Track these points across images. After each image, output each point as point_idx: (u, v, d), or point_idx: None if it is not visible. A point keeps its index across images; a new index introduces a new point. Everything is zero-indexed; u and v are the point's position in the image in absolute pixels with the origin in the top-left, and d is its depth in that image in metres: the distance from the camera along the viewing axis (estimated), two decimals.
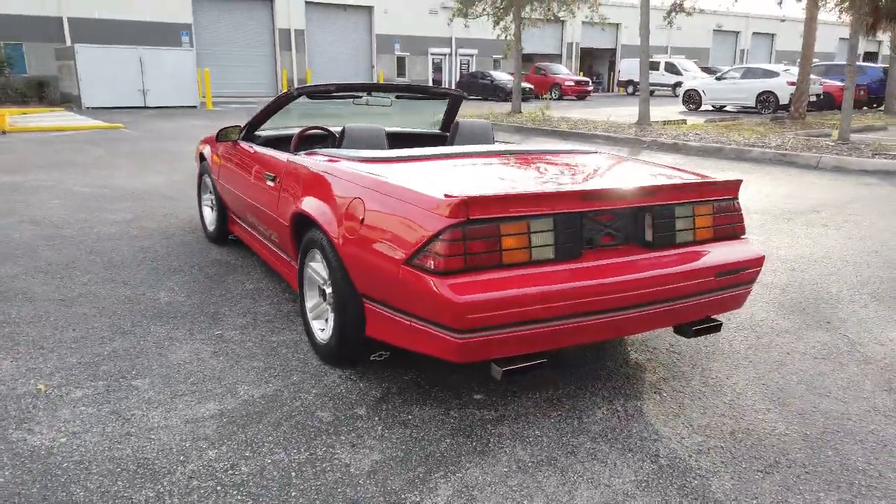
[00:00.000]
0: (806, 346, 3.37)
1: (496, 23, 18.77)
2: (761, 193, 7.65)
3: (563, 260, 2.44)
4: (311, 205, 2.99)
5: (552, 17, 19.12)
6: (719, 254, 2.75)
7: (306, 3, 31.73)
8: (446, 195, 2.28)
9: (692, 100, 22.51)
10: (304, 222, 3.15)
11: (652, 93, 21.07)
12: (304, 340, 3.29)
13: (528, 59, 33.99)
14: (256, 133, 4.46)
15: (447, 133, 4.82)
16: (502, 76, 29.99)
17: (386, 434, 2.48)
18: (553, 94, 29.85)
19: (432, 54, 36.16)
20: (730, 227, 2.85)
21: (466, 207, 2.26)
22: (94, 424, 2.50)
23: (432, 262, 2.26)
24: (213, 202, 4.98)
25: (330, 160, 3.13)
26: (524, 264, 2.38)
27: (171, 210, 6.33)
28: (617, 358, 3.19)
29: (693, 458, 2.37)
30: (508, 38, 18.90)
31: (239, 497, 2.10)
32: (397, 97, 4.46)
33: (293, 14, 31.40)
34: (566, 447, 2.43)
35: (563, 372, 3.02)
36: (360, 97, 4.30)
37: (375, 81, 27.38)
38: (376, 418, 2.59)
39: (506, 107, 21.26)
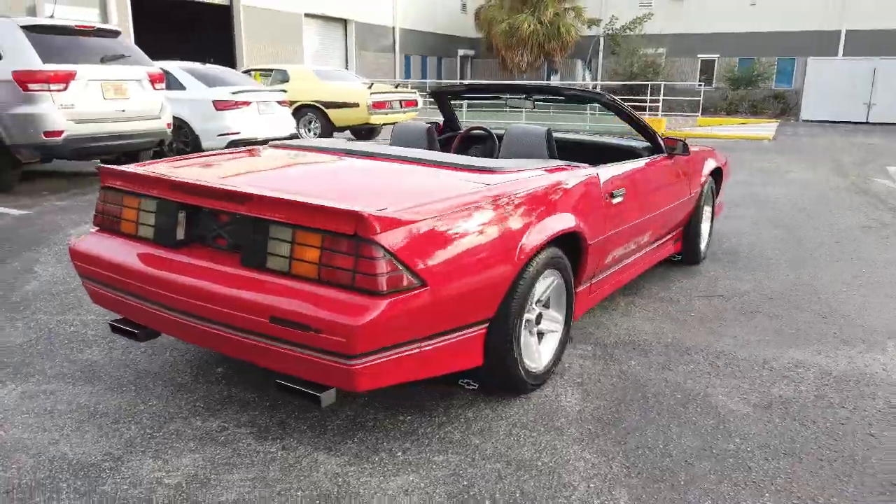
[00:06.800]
0: None
1: None
2: None
3: (159, 244, 2.44)
4: None
5: None
6: (293, 296, 2.09)
7: None
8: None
9: None
10: None
11: None
12: None
13: None
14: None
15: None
16: None
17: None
18: None
19: None
20: (345, 273, 2.04)
21: (103, 175, 2.63)
22: None
23: None
24: None
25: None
26: (132, 237, 2.53)
27: None
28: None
29: None
30: None
31: None
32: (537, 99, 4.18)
33: None
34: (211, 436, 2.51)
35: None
36: (502, 98, 4.31)
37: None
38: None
39: None
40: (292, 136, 9.88)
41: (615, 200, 3.17)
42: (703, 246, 4.68)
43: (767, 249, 5.11)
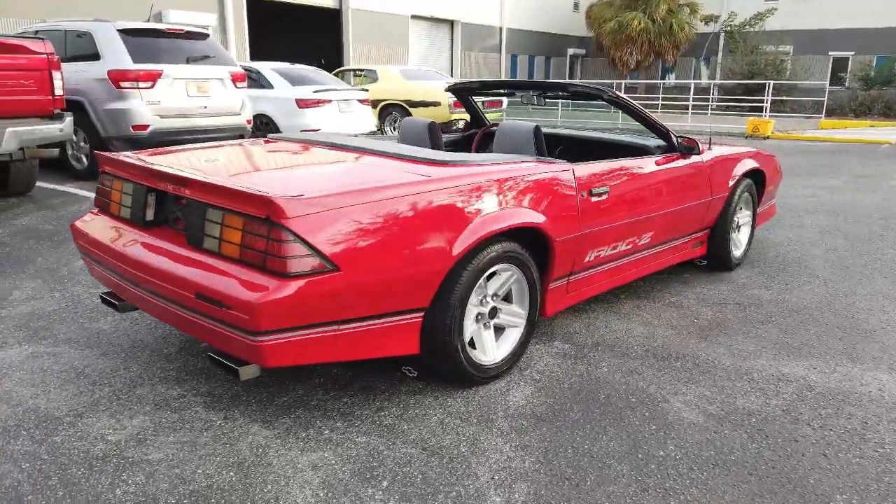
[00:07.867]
0: None
1: None
2: None
3: (132, 224, 2.68)
4: None
5: None
6: (215, 273, 2.26)
7: None
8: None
9: None
10: None
11: None
12: None
13: None
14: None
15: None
16: None
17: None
18: None
19: None
20: (258, 254, 2.17)
21: (100, 161, 2.98)
22: None
23: None
24: None
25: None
26: (116, 217, 2.80)
27: None
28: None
29: None
30: None
31: None
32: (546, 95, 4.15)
33: None
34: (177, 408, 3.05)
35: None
36: (514, 95, 4.32)
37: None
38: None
39: None
40: (371, 133, 10.24)
41: (595, 198, 3.11)
42: (737, 253, 4.44)
43: (817, 260, 4.75)
